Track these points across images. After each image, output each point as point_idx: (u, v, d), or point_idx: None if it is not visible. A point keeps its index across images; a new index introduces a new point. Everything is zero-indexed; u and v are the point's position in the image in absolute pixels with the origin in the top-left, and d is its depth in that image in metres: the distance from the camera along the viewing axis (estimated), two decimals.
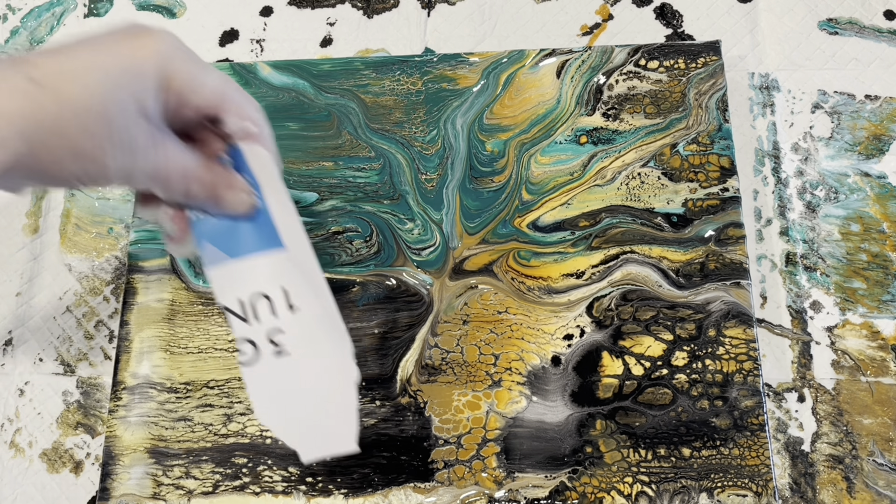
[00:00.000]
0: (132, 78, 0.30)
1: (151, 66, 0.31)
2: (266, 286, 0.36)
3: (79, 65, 0.29)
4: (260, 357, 0.36)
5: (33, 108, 0.28)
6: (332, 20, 0.55)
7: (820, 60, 0.51)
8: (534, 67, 0.49)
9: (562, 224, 0.46)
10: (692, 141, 0.47)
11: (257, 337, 0.36)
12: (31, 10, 0.58)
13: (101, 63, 0.30)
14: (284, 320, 0.36)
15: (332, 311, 0.37)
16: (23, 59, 0.29)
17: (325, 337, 0.36)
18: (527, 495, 0.41)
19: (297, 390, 0.36)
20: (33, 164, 0.29)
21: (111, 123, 0.29)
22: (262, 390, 0.36)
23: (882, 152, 0.48)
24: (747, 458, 0.40)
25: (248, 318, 0.36)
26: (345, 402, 0.36)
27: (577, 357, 0.43)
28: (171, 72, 0.31)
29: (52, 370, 0.48)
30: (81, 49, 0.30)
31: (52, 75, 0.29)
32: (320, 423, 0.36)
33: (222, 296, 0.36)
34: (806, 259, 0.46)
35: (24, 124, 0.28)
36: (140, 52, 0.30)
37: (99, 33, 0.31)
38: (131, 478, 0.43)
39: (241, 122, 0.34)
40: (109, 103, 0.29)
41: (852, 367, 0.44)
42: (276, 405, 0.36)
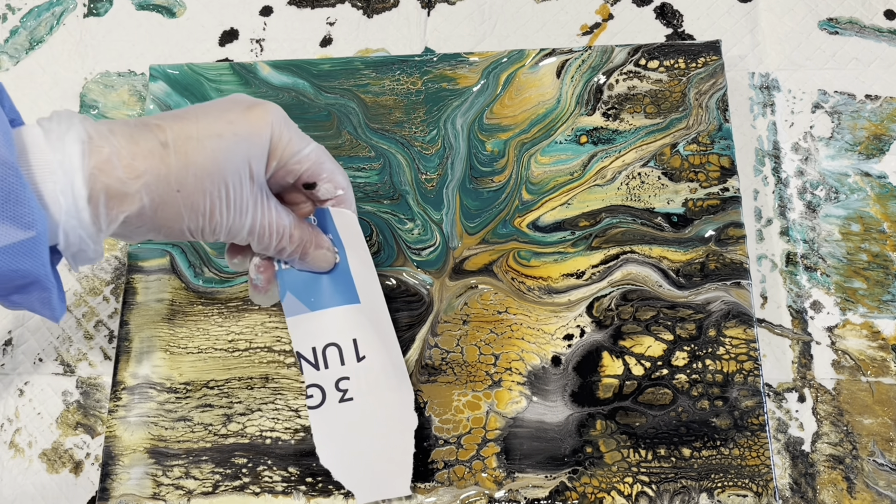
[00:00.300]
0: (248, 146, 0.34)
1: (264, 137, 0.35)
2: (338, 337, 0.40)
3: (202, 131, 0.33)
4: (326, 402, 0.40)
5: (160, 168, 0.31)
6: (332, 20, 0.55)
7: (820, 60, 0.51)
8: (534, 67, 0.49)
9: (562, 224, 0.46)
10: (692, 141, 0.47)
11: (325, 383, 0.40)
12: (30, 9, 0.58)
13: (222, 131, 0.33)
14: (351, 369, 0.40)
15: (398, 362, 0.40)
16: (154, 124, 0.32)
17: (388, 386, 0.40)
18: (527, 495, 0.41)
19: (358, 434, 0.40)
20: (152, 217, 0.32)
21: (226, 185, 0.33)
22: (326, 432, 0.40)
23: (882, 152, 0.48)
24: (747, 458, 0.40)
25: (319, 365, 0.40)
26: (402, 449, 0.40)
27: (578, 357, 0.43)
28: (278, 142, 0.35)
29: (51, 370, 0.48)
30: (203, 116, 0.33)
31: (179, 140, 0.32)
32: (377, 468, 0.40)
33: (298, 344, 0.40)
34: (806, 259, 0.46)
35: (150, 181, 0.31)
36: (255, 122, 0.34)
37: (216, 103, 0.35)
38: (131, 478, 0.43)
39: (332, 190, 0.38)
40: (226, 168, 0.33)
41: (853, 367, 0.44)
42: (338, 447, 0.40)
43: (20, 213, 0.28)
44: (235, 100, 0.35)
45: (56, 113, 0.31)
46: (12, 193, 0.28)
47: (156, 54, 0.55)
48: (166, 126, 0.33)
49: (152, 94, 0.50)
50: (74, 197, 0.30)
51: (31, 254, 0.29)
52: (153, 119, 0.33)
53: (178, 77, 0.51)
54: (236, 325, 0.46)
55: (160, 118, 0.33)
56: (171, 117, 0.33)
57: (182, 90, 0.51)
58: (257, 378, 0.44)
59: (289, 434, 0.43)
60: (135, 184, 0.31)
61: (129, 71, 0.55)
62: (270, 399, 0.44)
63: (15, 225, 0.28)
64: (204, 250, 0.47)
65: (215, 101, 0.35)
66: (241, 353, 0.45)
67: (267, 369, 0.44)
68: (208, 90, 0.51)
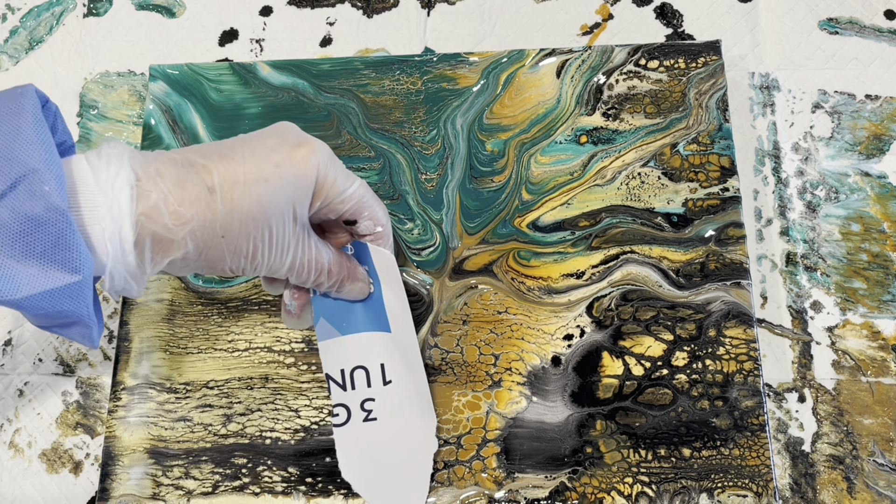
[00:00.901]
0: (293, 190, 0.34)
1: (309, 179, 0.35)
2: (366, 360, 0.41)
3: (249, 175, 0.33)
4: (351, 420, 0.41)
5: (206, 215, 0.32)
6: (332, 20, 0.55)
7: (820, 60, 0.51)
8: (534, 67, 0.49)
9: (562, 224, 0.46)
10: (692, 141, 0.47)
11: (351, 403, 0.41)
12: (30, 9, 0.58)
13: (268, 175, 0.33)
14: (377, 391, 0.41)
15: (423, 391, 0.42)
16: (201, 164, 0.33)
17: (411, 410, 0.41)
18: (527, 496, 0.41)
19: (379, 452, 0.41)
20: (195, 259, 0.33)
21: (270, 229, 0.34)
22: (349, 449, 0.41)
23: (882, 152, 0.48)
24: (748, 458, 0.40)
25: (346, 386, 0.41)
26: (420, 470, 0.41)
27: (578, 357, 0.43)
28: (323, 183, 0.35)
29: (51, 370, 0.48)
30: (250, 157, 0.33)
31: (225, 185, 0.32)
32: (395, 485, 0.41)
33: (327, 366, 0.41)
34: (806, 259, 0.46)
35: (196, 228, 0.32)
36: (301, 165, 0.34)
37: (262, 137, 0.35)
38: (131, 478, 0.43)
39: (372, 227, 0.39)
40: (271, 212, 0.33)
41: (853, 367, 0.44)
42: (360, 464, 0.41)
43: (68, 258, 0.29)
44: (282, 134, 0.35)
45: (105, 147, 0.32)
46: (62, 239, 0.29)
47: (155, 54, 0.55)
48: (213, 168, 0.33)
49: (152, 94, 0.50)
50: (122, 242, 0.30)
51: (77, 296, 0.30)
52: (199, 156, 0.33)
53: (178, 77, 0.51)
54: (236, 325, 0.45)
55: (206, 156, 0.33)
56: (217, 156, 0.33)
57: (182, 90, 0.51)
58: (257, 378, 0.44)
59: (288, 434, 0.43)
60: (181, 231, 0.32)
61: (128, 71, 0.55)
62: (270, 399, 0.44)
63: (63, 269, 0.29)
64: None
65: (261, 135, 0.35)
66: (241, 353, 0.45)
67: (267, 369, 0.44)
68: (208, 90, 0.50)
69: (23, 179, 0.28)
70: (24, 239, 0.28)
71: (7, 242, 0.28)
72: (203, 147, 0.34)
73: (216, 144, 0.35)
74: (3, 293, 0.28)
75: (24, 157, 0.28)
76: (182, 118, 0.50)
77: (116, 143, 0.32)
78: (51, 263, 0.29)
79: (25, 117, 0.29)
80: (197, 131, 0.50)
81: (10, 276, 0.28)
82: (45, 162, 0.28)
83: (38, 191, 0.28)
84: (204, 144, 0.35)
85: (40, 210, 0.28)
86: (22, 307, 0.29)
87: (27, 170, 0.28)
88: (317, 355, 0.44)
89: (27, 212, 0.28)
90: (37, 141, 0.29)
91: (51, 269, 0.29)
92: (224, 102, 0.50)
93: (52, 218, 0.28)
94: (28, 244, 0.28)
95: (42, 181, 0.28)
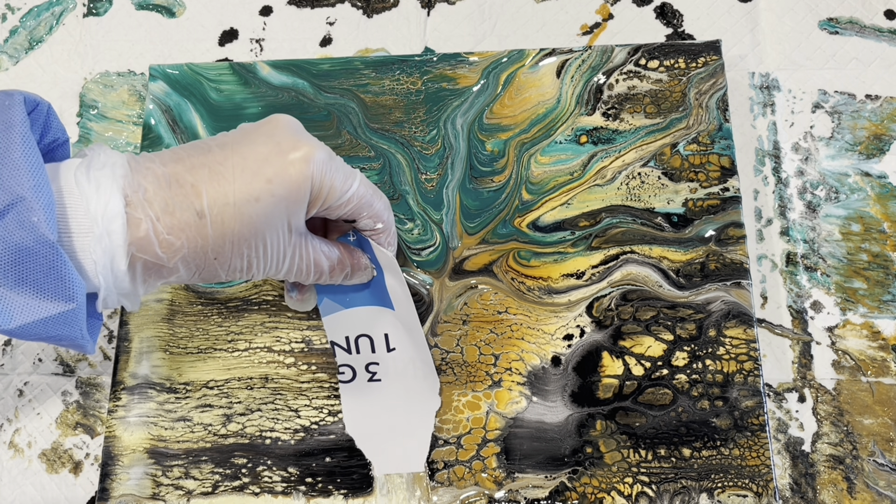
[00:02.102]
0: (286, 206, 0.33)
1: (304, 192, 0.33)
2: (371, 330, 0.42)
3: (239, 194, 0.32)
4: (356, 379, 0.43)
5: (197, 241, 0.32)
6: (332, 20, 0.55)
7: (820, 60, 0.51)
8: (534, 67, 0.49)
9: (562, 224, 0.46)
10: (692, 141, 0.47)
11: (356, 364, 0.42)
12: (30, 9, 0.58)
13: (259, 194, 0.32)
14: (381, 356, 0.42)
15: (426, 359, 0.42)
16: (189, 184, 0.32)
17: (415, 375, 0.42)
18: (527, 496, 0.41)
19: (383, 411, 0.42)
20: (189, 278, 0.33)
21: (264, 244, 0.33)
22: (354, 407, 0.43)
23: (882, 152, 0.48)
24: (748, 458, 0.40)
25: (351, 350, 0.42)
26: (422, 428, 0.42)
27: (578, 357, 0.43)
28: (318, 191, 0.34)
29: (51, 370, 0.48)
30: (240, 174, 0.32)
31: (214, 207, 0.32)
32: (397, 443, 0.42)
33: (332, 334, 0.42)
34: (806, 259, 0.46)
35: (188, 255, 0.32)
36: (295, 178, 0.33)
37: (252, 144, 0.33)
38: (130, 478, 0.43)
39: (373, 225, 0.38)
40: (264, 230, 0.33)
41: (853, 367, 0.44)
42: (364, 421, 0.42)
43: (61, 288, 0.29)
44: (275, 136, 0.34)
45: (94, 160, 0.31)
46: (53, 269, 0.28)
47: (155, 54, 0.55)
48: (201, 188, 0.32)
49: (152, 94, 0.50)
50: (114, 271, 0.30)
51: (72, 322, 0.30)
52: (187, 172, 0.32)
53: (178, 77, 0.51)
54: (236, 325, 0.45)
55: (195, 171, 0.32)
56: (206, 172, 0.32)
57: (182, 90, 0.51)
58: (257, 378, 0.44)
59: (288, 434, 0.43)
60: (172, 259, 0.31)
61: (128, 71, 0.55)
62: (270, 399, 0.44)
63: (56, 298, 0.29)
64: None
65: (253, 137, 0.33)
66: (241, 353, 0.45)
67: (267, 369, 0.44)
68: (208, 90, 0.50)
69: (11, 208, 0.28)
70: (15, 268, 0.28)
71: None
72: (192, 154, 0.33)
73: (205, 150, 0.33)
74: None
75: (11, 184, 0.28)
76: (182, 118, 0.50)
77: (104, 153, 0.32)
78: (43, 293, 0.29)
79: (13, 138, 0.29)
80: (197, 131, 0.50)
81: (3, 305, 0.28)
82: (33, 189, 0.28)
83: (26, 221, 0.28)
84: (194, 148, 0.33)
85: (30, 242, 0.28)
86: (14, 335, 0.29)
87: (15, 198, 0.28)
88: (317, 355, 0.44)
89: (17, 242, 0.28)
90: (25, 165, 0.28)
91: (44, 299, 0.29)
92: (224, 102, 0.50)
93: (42, 250, 0.28)
94: (20, 273, 0.28)
95: (30, 211, 0.28)
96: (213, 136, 0.35)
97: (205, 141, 0.34)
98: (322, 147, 0.34)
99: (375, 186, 0.38)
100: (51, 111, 0.33)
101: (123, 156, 0.32)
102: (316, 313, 0.44)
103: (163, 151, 0.33)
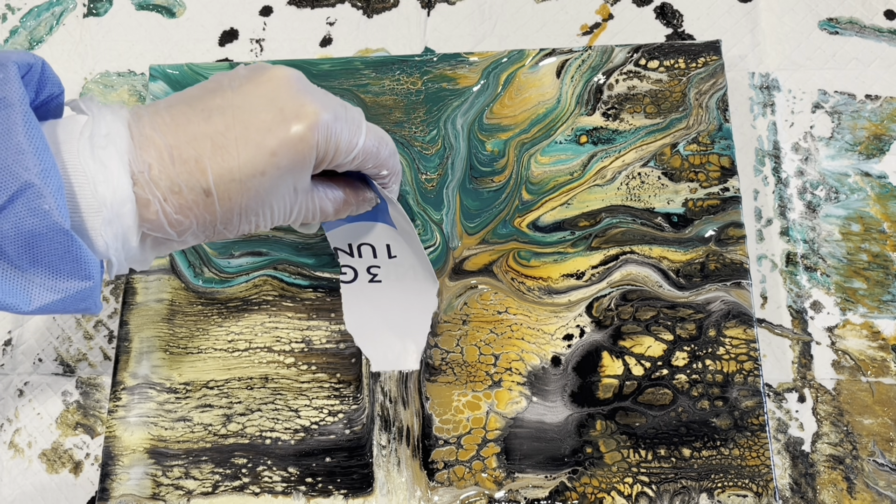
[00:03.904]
0: (292, 176, 0.33)
1: (309, 161, 0.33)
2: (373, 240, 0.43)
3: (244, 170, 0.32)
4: (357, 280, 0.44)
5: (205, 216, 0.32)
6: (332, 20, 0.55)
7: (820, 60, 0.51)
8: (534, 67, 0.49)
9: (562, 224, 0.46)
10: (692, 141, 0.47)
11: (358, 267, 0.44)
12: (30, 9, 0.58)
13: (264, 168, 0.32)
14: (382, 261, 0.43)
15: (427, 266, 0.43)
16: (194, 160, 0.31)
17: (415, 278, 0.43)
18: (527, 496, 0.41)
19: (382, 310, 0.44)
20: (198, 244, 0.35)
21: (271, 211, 0.34)
22: (354, 305, 0.44)
23: (882, 152, 0.48)
24: (748, 458, 0.40)
25: (353, 255, 0.44)
26: (419, 328, 0.44)
27: (577, 357, 0.43)
28: (324, 156, 0.34)
29: (51, 370, 0.48)
30: (244, 145, 0.32)
31: (220, 184, 0.31)
32: (394, 341, 0.43)
33: (334, 242, 0.43)
34: (806, 259, 0.46)
35: (196, 229, 0.32)
36: (300, 148, 0.32)
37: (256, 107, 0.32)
38: (131, 478, 0.43)
39: (378, 172, 0.37)
40: (271, 199, 0.33)
41: (853, 367, 0.44)
42: (363, 319, 0.44)
43: (77, 268, 0.29)
44: (276, 100, 0.32)
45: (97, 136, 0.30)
46: (68, 253, 0.29)
47: (155, 54, 0.55)
48: (206, 164, 0.31)
49: (152, 94, 0.50)
50: (125, 249, 0.31)
51: (87, 297, 0.30)
52: (190, 145, 0.31)
53: (178, 77, 0.51)
54: (236, 325, 0.45)
55: (195, 145, 0.31)
56: (208, 146, 0.31)
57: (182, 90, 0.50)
58: (257, 378, 0.44)
59: (288, 434, 0.43)
60: (182, 234, 0.32)
61: (128, 71, 0.55)
62: (270, 399, 0.44)
63: (72, 278, 0.29)
64: (204, 250, 0.47)
65: (253, 99, 0.32)
66: (241, 353, 0.45)
67: (267, 369, 0.44)
68: None
69: (20, 195, 0.27)
70: (29, 252, 0.28)
71: (14, 255, 0.28)
72: (191, 119, 0.32)
73: (205, 115, 0.32)
74: (17, 306, 0.29)
75: (17, 170, 0.27)
76: None
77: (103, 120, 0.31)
78: (60, 274, 0.29)
79: (15, 119, 0.28)
80: None
81: (22, 288, 0.29)
82: (41, 175, 0.28)
83: (38, 209, 0.28)
84: (191, 108, 0.32)
85: (43, 228, 0.28)
86: (34, 314, 0.29)
87: (23, 184, 0.27)
88: (317, 355, 0.44)
89: (29, 228, 0.28)
90: (30, 149, 0.28)
91: (60, 279, 0.29)
92: None
93: (56, 236, 0.28)
94: (34, 257, 0.28)
95: (41, 198, 0.27)
96: (207, 80, 0.34)
97: (202, 96, 0.33)
98: (326, 105, 0.33)
99: (382, 132, 0.37)
100: (45, 66, 0.32)
101: (123, 122, 0.31)
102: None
103: (159, 110, 0.32)
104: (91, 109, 0.31)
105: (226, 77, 0.34)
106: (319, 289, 0.46)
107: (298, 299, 0.46)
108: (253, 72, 0.34)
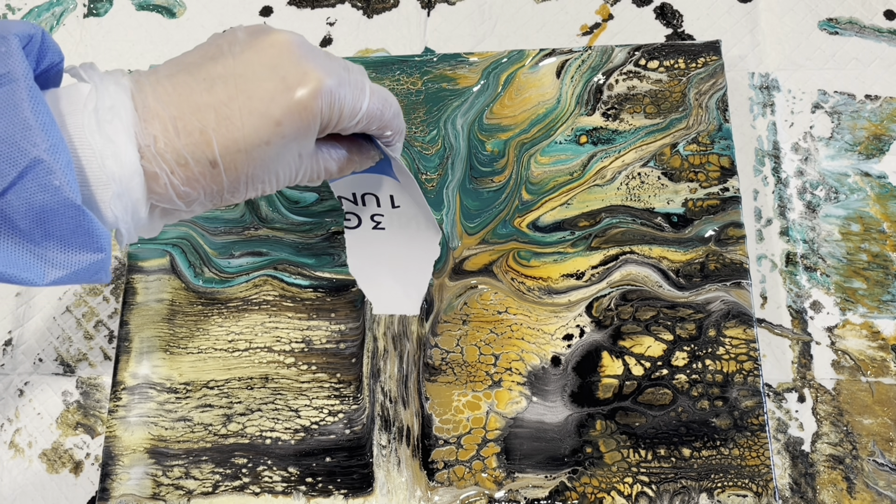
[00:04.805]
0: (297, 143, 0.33)
1: (314, 128, 0.33)
2: (377, 190, 0.43)
3: (249, 140, 0.32)
4: (361, 226, 0.45)
5: (212, 187, 0.32)
6: (332, 20, 0.55)
7: (820, 60, 0.51)
8: (534, 67, 0.49)
9: (562, 224, 0.46)
10: (692, 141, 0.47)
11: (362, 214, 0.45)
12: (30, 9, 0.58)
13: (269, 138, 0.32)
14: (386, 210, 0.44)
15: (429, 217, 0.43)
16: (199, 131, 0.31)
17: (418, 226, 0.44)
18: (527, 495, 0.41)
19: (385, 255, 0.45)
20: (204, 211, 0.35)
21: (277, 177, 0.34)
22: (357, 250, 0.46)
23: (882, 152, 0.48)
24: (747, 458, 0.40)
25: (357, 203, 0.44)
26: (421, 274, 0.45)
27: (577, 357, 0.43)
28: (332, 117, 0.33)
29: (51, 370, 0.48)
30: (248, 114, 0.31)
31: (226, 155, 0.32)
32: (396, 286, 0.45)
33: (339, 191, 0.44)
34: (806, 259, 0.46)
35: (204, 199, 0.33)
36: (304, 116, 0.32)
37: (259, 75, 0.32)
38: (131, 478, 0.43)
39: (381, 133, 0.37)
40: (276, 167, 0.33)
41: (852, 367, 0.44)
42: (366, 264, 0.45)
43: (89, 241, 0.29)
44: (279, 66, 0.32)
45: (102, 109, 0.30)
46: (80, 227, 0.29)
47: (156, 54, 0.55)
48: (210, 135, 0.31)
49: None
50: (135, 220, 0.31)
51: (99, 268, 0.30)
52: (193, 115, 0.31)
53: None
54: (236, 325, 0.46)
55: (199, 116, 0.31)
56: (212, 117, 0.31)
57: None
58: (257, 378, 0.44)
59: (289, 434, 0.43)
60: (190, 204, 0.32)
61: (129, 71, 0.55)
62: (270, 399, 0.44)
63: (85, 250, 0.29)
64: (204, 250, 0.47)
65: (255, 74, 0.32)
66: (241, 353, 0.45)
67: (267, 369, 0.44)
68: None
69: (29, 171, 0.27)
70: (41, 227, 0.28)
71: (26, 230, 0.28)
72: (194, 88, 0.32)
73: (207, 85, 0.32)
74: (32, 280, 0.29)
75: (26, 146, 0.27)
76: None
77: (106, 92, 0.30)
78: (72, 247, 0.29)
79: (20, 94, 0.28)
80: None
81: (36, 263, 0.29)
82: (49, 151, 0.28)
83: (48, 185, 0.28)
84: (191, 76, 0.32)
85: (54, 204, 0.28)
86: (48, 286, 0.30)
87: (32, 160, 0.27)
88: (317, 355, 0.44)
89: (40, 204, 0.28)
90: (37, 125, 0.28)
91: (73, 252, 0.29)
92: None
93: (68, 211, 0.28)
94: (47, 231, 0.28)
95: (51, 173, 0.27)
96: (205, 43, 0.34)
97: (202, 63, 0.32)
98: (329, 71, 0.33)
99: (386, 93, 0.36)
100: (45, 36, 0.32)
101: (127, 93, 0.31)
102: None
103: (161, 79, 0.32)
104: (92, 78, 0.31)
105: (224, 41, 0.33)
106: (319, 289, 0.46)
107: (298, 299, 0.46)
108: (253, 36, 0.33)
